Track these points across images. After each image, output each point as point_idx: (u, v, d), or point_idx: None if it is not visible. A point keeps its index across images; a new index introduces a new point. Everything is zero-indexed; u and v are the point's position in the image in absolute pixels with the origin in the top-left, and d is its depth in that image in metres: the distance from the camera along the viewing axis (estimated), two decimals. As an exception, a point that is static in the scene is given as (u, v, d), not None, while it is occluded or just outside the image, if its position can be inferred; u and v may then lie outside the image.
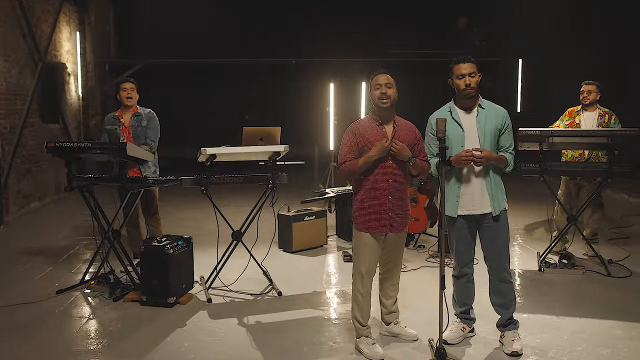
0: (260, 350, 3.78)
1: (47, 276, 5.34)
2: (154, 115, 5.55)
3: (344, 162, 3.69)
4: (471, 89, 3.62)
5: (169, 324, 4.22)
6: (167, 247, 4.50)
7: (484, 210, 3.68)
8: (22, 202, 8.34)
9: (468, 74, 3.62)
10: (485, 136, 3.65)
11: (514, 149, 3.77)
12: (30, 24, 8.71)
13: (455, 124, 3.69)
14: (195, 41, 12.74)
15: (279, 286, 5.00)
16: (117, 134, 5.41)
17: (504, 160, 3.68)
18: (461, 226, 3.75)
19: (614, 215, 7.81)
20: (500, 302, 3.81)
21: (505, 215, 3.75)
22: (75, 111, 10.90)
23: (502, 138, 3.72)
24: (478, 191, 3.68)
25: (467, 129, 3.69)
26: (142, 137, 5.42)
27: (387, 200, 3.66)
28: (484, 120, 3.67)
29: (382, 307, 3.98)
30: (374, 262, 3.74)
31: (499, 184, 3.72)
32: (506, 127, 3.72)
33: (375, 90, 3.67)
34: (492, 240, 3.73)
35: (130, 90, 5.46)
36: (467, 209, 3.70)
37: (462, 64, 3.63)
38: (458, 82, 3.65)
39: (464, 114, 3.71)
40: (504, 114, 3.73)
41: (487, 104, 3.74)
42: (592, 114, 5.66)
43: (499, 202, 3.69)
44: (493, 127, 3.67)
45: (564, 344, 3.84)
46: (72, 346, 3.88)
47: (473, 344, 3.86)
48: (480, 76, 3.66)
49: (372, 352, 3.63)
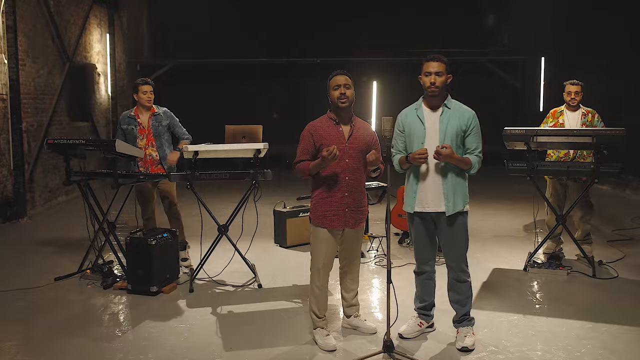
0: (223, 337, 3.98)
1: (52, 264, 5.70)
2: (172, 113, 5.68)
3: (298, 161, 3.82)
4: (435, 87, 3.65)
5: (147, 311, 4.48)
6: (150, 238, 4.76)
7: (438, 209, 3.72)
8: (48, 196, 8.85)
9: (435, 72, 3.64)
10: (446, 136, 3.67)
11: (481, 152, 3.74)
12: (58, 27, 9.22)
13: (418, 121, 3.74)
14: (223, 42, 13.10)
15: (264, 279, 5.20)
16: (134, 133, 5.54)
17: (467, 162, 3.67)
18: (418, 223, 3.82)
19: (625, 217, 7.63)
20: (457, 299, 3.87)
21: (463, 217, 3.76)
22: (104, 110, 11.43)
23: (468, 140, 3.71)
24: (434, 190, 3.71)
25: (429, 127, 3.72)
26: (163, 136, 5.56)
27: (343, 197, 3.78)
28: (446, 120, 3.69)
29: (343, 301, 4.11)
30: (331, 256, 3.86)
31: (459, 185, 3.72)
32: (472, 129, 3.70)
33: (333, 90, 3.77)
34: (447, 240, 3.78)
35: (150, 92, 5.54)
36: (422, 206, 3.76)
37: (432, 62, 3.65)
38: (424, 79, 3.68)
39: (430, 112, 3.74)
40: (470, 116, 3.71)
41: (454, 105, 3.75)
42: (576, 114, 5.59)
43: (454, 203, 3.70)
44: (456, 128, 3.67)
45: (521, 341, 3.87)
46: (52, 328, 4.19)
47: (429, 339, 3.93)
48: (449, 77, 3.68)
49: (324, 342, 3.77)
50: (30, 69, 8.43)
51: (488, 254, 6.05)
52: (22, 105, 7.94)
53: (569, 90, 5.55)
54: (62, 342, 3.93)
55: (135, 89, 5.56)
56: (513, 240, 6.57)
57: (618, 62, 9.66)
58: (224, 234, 5.21)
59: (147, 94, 5.53)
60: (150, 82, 5.63)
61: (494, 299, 4.71)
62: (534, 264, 5.44)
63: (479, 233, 6.94)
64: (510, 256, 5.89)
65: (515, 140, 5.25)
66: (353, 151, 3.76)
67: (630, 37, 9.34)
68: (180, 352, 3.77)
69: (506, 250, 6.18)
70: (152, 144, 5.53)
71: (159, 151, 5.53)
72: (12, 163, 7.72)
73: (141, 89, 5.52)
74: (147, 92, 5.53)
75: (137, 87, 5.55)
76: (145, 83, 5.57)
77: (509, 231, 7.05)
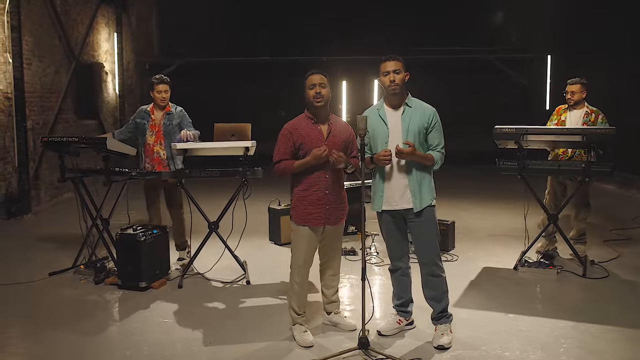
0: (205, 332, 4.04)
1: (50, 260, 5.79)
2: (185, 113, 5.61)
3: (279, 161, 3.85)
4: (395, 85, 3.70)
5: (134, 307, 4.55)
6: (139, 235, 4.84)
7: (405, 206, 3.76)
8: (54, 193, 9.01)
9: (392, 70, 3.70)
10: (409, 134, 3.71)
11: (444, 147, 3.81)
12: (64, 26, 9.36)
13: (381, 121, 3.79)
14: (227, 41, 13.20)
15: (254, 275, 5.26)
16: (144, 128, 5.52)
17: (430, 159, 3.73)
18: (388, 221, 3.86)
19: (626, 216, 7.55)
20: (432, 295, 3.88)
21: (431, 211, 3.80)
22: (112, 108, 11.59)
23: (430, 136, 3.77)
24: (400, 187, 3.76)
25: (392, 127, 3.77)
26: (172, 135, 5.49)
27: (324, 195, 3.82)
28: (408, 118, 3.74)
29: (324, 297, 4.14)
30: (311, 254, 3.91)
31: (425, 181, 3.77)
32: (433, 126, 3.76)
33: (309, 90, 3.81)
34: (417, 235, 3.82)
35: (164, 92, 5.48)
36: (390, 204, 3.80)
37: (388, 61, 3.72)
38: (383, 79, 3.74)
39: (391, 111, 3.80)
40: (431, 113, 3.77)
41: (415, 103, 3.81)
42: (579, 112, 5.55)
43: (421, 199, 3.74)
44: (418, 125, 3.72)
45: (500, 340, 3.87)
46: (40, 321, 4.30)
47: (406, 336, 3.95)
48: (407, 75, 3.74)
49: (302, 339, 3.82)
50: (37, 68, 8.58)
51: (481, 252, 6.04)
52: (28, 103, 8.09)
53: (567, 89, 5.54)
54: (48, 336, 4.03)
55: (151, 87, 5.52)
56: (508, 239, 6.53)
57: (624, 60, 9.55)
58: (214, 231, 5.27)
59: (161, 93, 5.46)
60: (167, 80, 5.54)
61: (480, 297, 4.71)
62: (525, 263, 5.42)
63: (475, 232, 6.92)
64: (504, 255, 5.86)
65: (505, 139, 5.23)
66: (332, 149, 3.79)
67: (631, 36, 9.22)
68: (160, 346, 3.84)
69: (500, 249, 6.15)
70: (160, 142, 5.48)
71: (167, 150, 5.47)
72: (16, 160, 7.87)
73: (156, 88, 5.47)
74: (162, 92, 5.46)
75: (152, 85, 5.51)
76: (161, 82, 5.49)
77: (505, 230, 7.01)
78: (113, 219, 5.50)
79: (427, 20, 12.99)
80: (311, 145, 3.76)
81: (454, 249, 6.11)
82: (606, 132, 4.91)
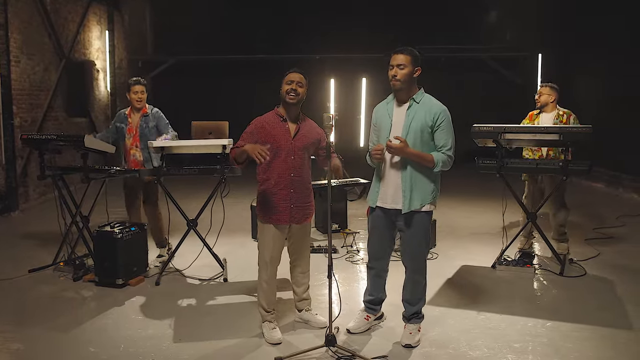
0: (176, 329, 4.06)
1: (32, 257, 5.81)
2: (161, 114, 5.58)
3: (235, 147, 3.84)
4: (396, 80, 3.59)
5: (110, 303, 4.57)
6: (116, 232, 4.86)
7: (395, 206, 3.68)
8: (43, 190, 9.03)
9: (397, 65, 3.59)
10: (410, 131, 3.59)
11: (451, 150, 3.63)
12: (54, 24, 9.38)
13: (386, 115, 3.72)
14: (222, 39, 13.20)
15: (234, 273, 5.27)
16: (123, 131, 5.54)
17: (429, 160, 3.56)
18: (377, 217, 3.80)
19: (613, 215, 7.55)
20: (408, 298, 3.84)
21: (422, 217, 3.67)
22: (104, 106, 11.60)
23: (436, 136, 3.61)
24: (393, 186, 3.68)
25: (395, 121, 3.67)
26: (149, 137, 5.45)
27: (289, 194, 3.82)
28: (412, 115, 3.61)
29: (295, 295, 4.16)
30: (278, 251, 3.91)
31: (420, 183, 3.62)
32: (439, 125, 3.58)
33: (286, 85, 3.79)
34: (404, 238, 3.75)
35: (140, 93, 5.46)
36: (383, 201, 3.74)
37: (395, 54, 3.61)
38: (389, 72, 3.64)
39: (398, 106, 3.70)
40: (438, 111, 3.59)
41: (424, 99, 3.66)
42: (550, 115, 5.59)
43: (410, 201, 3.61)
44: (421, 123, 3.58)
45: (468, 338, 3.88)
46: (18, 317, 4.32)
47: (376, 335, 3.96)
48: (417, 70, 3.60)
49: (270, 336, 3.83)
50: (25, 65, 8.60)
51: (461, 250, 6.05)
52: (16, 101, 8.12)
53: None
54: (25, 333, 4.04)
55: (127, 89, 5.51)
56: (490, 238, 6.54)
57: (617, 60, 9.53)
58: (192, 229, 5.29)
59: (137, 94, 5.43)
60: (142, 82, 5.51)
61: (454, 295, 4.72)
62: (503, 261, 5.42)
63: (457, 230, 6.93)
64: (482, 254, 5.87)
65: (484, 137, 5.24)
66: (298, 149, 3.80)
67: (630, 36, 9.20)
68: (129, 343, 3.85)
69: (480, 247, 6.16)
70: (136, 144, 5.48)
71: (143, 152, 5.46)
72: (3, 157, 7.90)
73: (132, 89, 5.45)
74: (138, 93, 5.43)
75: (128, 87, 5.50)
76: (136, 83, 5.46)
77: (488, 228, 7.02)
78: (94, 216, 5.54)
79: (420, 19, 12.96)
80: (276, 142, 3.77)
81: (435, 247, 6.11)
82: (583, 130, 4.92)
